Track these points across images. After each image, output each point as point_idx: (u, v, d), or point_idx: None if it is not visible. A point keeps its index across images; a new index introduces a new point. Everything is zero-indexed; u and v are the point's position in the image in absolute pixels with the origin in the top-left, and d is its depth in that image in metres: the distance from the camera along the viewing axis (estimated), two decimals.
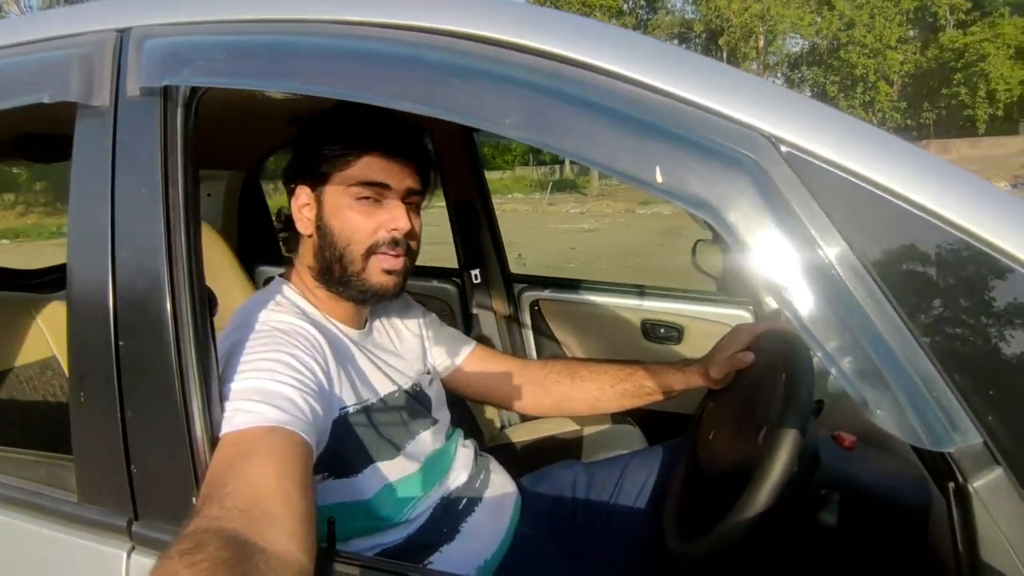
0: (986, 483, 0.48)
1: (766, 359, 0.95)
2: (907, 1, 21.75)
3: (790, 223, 0.50)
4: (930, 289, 0.49)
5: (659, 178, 0.52)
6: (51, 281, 1.39)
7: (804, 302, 0.50)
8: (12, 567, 0.70)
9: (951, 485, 0.50)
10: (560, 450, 1.49)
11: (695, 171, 0.52)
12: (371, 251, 0.83)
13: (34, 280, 1.43)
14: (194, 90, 0.64)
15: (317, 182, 0.85)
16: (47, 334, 1.14)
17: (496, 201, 1.96)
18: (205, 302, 0.65)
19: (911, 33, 23.01)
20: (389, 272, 0.85)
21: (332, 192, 0.84)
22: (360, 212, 0.83)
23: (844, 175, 0.50)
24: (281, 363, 0.71)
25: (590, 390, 1.08)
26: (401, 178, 0.84)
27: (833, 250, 0.50)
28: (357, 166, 0.83)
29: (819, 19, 22.32)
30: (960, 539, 0.50)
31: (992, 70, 20.08)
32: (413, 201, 0.87)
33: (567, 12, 0.57)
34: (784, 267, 0.51)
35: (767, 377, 0.91)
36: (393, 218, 0.83)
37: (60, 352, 1.14)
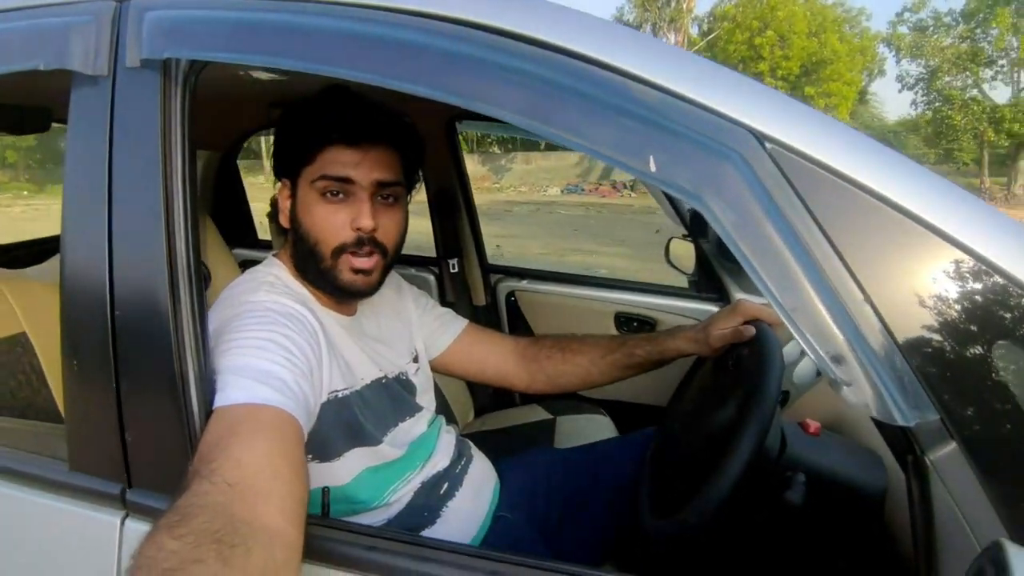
0: (941, 456, 0.52)
1: (739, 349, 0.99)
2: None
3: (772, 215, 0.54)
4: (897, 279, 0.53)
5: (652, 167, 0.55)
6: (21, 256, 1.35)
7: (784, 290, 0.54)
8: (2, 534, 0.69)
9: (910, 458, 0.54)
10: (533, 438, 1.52)
11: (685, 162, 0.56)
12: (339, 251, 0.82)
13: (3, 255, 1.39)
14: (193, 64, 0.65)
15: (292, 175, 0.84)
16: (17, 310, 1.11)
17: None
18: (201, 275, 0.65)
19: None
20: (358, 271, 0.83)
21: (302, 187, 0.83)
22: (326, 208, 0.81)
23: (824, 172, 0.54)
24: (275, 343, 0.71)
25: (582, 363, 1.08)
26: (366, 171, 0.81)
27: (811, 242, 0.53)
28: (319, 160, 0.81)
29: None
30: (917, 507, 0.54)
31: None
32: (388, 193, 0.84)
33: (571, 8, 0.59)
34: (766, 256, 0.54)
35: (741, 367, 0.95)
36: (357, 215, 0.80)
37: (31, 329, 1.12)
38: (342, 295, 0.87)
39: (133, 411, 0.63)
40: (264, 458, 0.58)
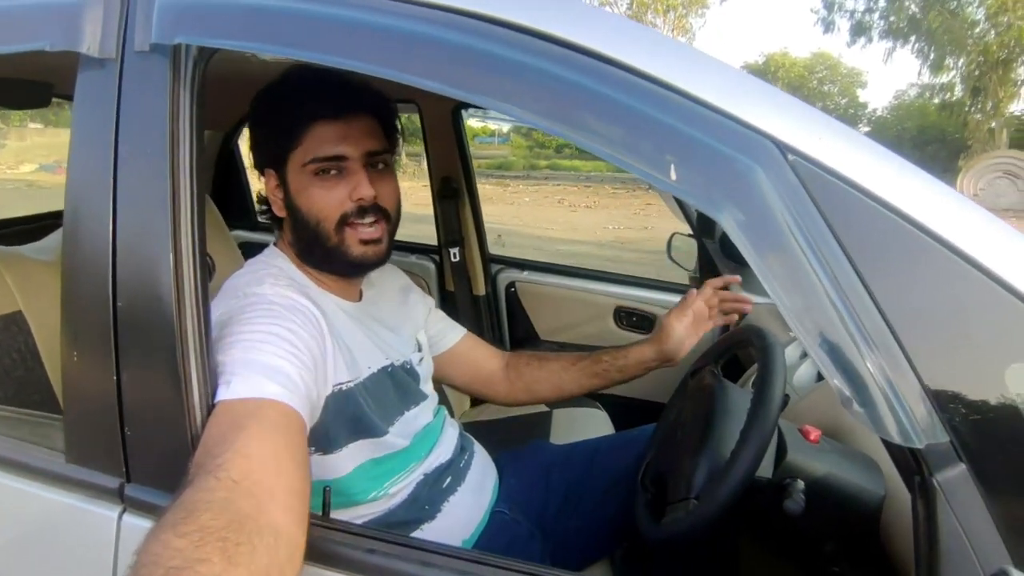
0: (949, 478, 0.52)
1: (739, 351, 0.99)
2: None
3: (790, 227, 0.53)
4: (914, 300, 0.52)
5: (673, 176, 0.54)
6: (15, 232, 1.33)
7: (798, 303, 0.53)
8: None
9: (917, 479, 0.54)
10: (529, 430, 1.52)
11: (705, 171, 0.54)
12: (343, 222, 0.82)
13: None
14: (204, 49, 0.63)
15: (279, 163, 0.83)
16: (13, 287, 1.10)
17: None
18: (206, 267, 0.64)
19: None
20: (366, 242, 0.84)
21: (293, 172, 0.82)
22: (322, 188, 0.81)
23: (845, 186, 0.53)
24: (279, 336, 0.70)
25: (555, 368, 1.12)
26: (356, 143, 0.81)
27: (829, 257, 0.52)
28: (307, 142, 0.81)
29: None
30: (921, 528, 0.54)
31: None
32: (379, 161, 0.85)
33: (593, 7, 0.58)
34: (783, 270, 0.53)
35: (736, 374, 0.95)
36: (355, 187, 0.81)
37: (27, 307, 1.10)
38: (354, 270, 0.87)
39: (133, 405, 0.62)
40: (269, 454, 0.57)
